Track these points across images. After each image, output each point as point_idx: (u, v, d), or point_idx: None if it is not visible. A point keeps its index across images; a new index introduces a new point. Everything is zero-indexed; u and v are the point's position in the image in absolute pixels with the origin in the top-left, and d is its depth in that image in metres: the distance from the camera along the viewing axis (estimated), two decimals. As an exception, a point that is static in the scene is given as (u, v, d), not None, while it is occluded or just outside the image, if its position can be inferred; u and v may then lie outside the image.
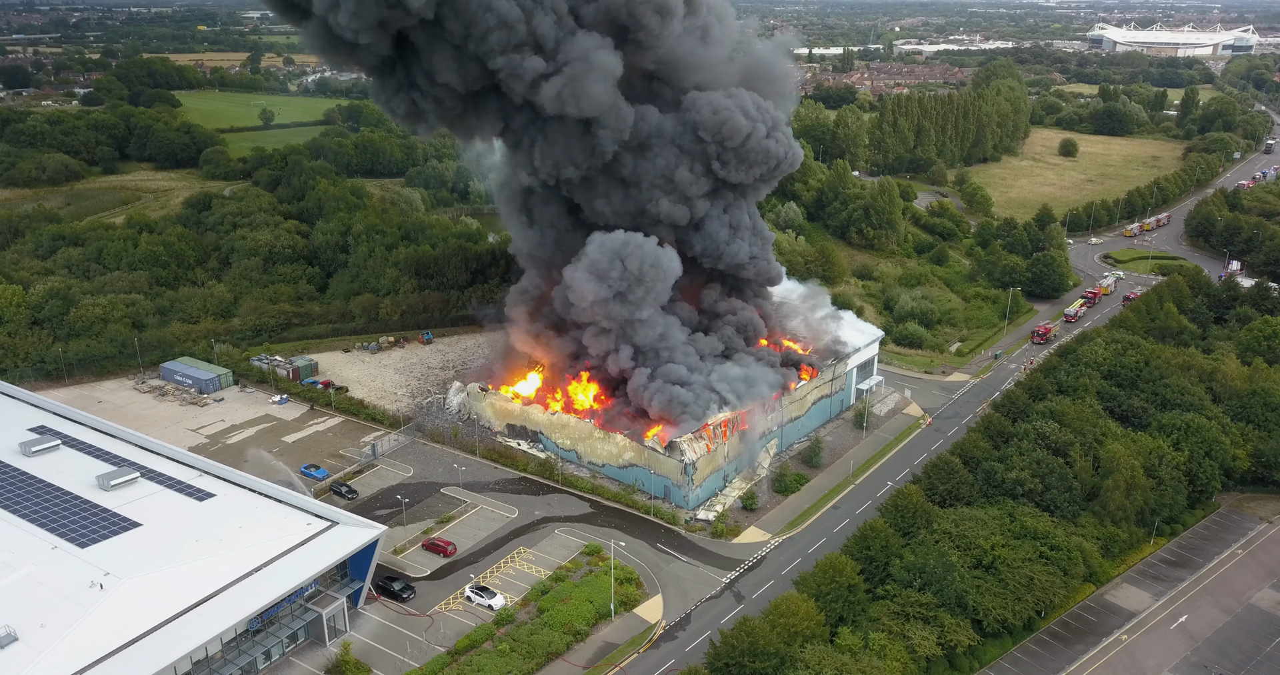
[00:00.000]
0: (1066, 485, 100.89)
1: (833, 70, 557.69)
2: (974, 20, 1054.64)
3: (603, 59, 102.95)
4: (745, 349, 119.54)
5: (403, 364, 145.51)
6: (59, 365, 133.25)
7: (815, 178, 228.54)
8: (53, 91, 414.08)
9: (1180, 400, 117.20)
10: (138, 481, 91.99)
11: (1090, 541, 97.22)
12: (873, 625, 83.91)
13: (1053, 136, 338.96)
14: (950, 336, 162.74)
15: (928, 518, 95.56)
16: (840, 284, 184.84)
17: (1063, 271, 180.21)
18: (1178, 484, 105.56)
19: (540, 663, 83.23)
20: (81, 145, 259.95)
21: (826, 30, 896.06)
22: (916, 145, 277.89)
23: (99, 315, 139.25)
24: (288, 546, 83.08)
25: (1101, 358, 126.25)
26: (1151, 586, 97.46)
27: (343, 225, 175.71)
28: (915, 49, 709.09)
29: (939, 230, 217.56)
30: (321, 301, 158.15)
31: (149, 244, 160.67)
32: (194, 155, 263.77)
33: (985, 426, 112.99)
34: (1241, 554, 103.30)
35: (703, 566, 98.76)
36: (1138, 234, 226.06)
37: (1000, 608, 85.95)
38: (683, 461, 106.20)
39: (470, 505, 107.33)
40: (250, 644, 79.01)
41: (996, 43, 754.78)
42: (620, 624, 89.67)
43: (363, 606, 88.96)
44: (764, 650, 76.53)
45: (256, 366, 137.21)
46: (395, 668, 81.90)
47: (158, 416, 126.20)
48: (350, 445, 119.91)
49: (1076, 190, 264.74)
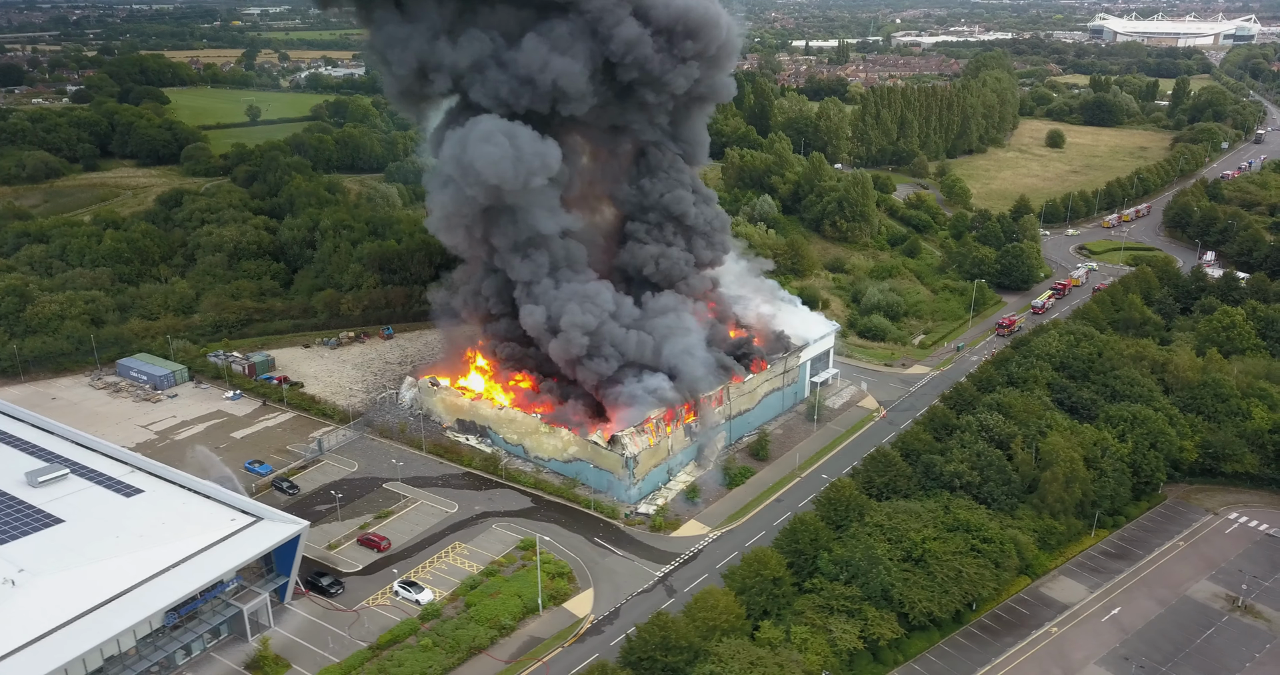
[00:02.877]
0: (1005, 478, 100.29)
1: (828, 63, 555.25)
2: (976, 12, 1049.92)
3: None
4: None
5: (361, 359, 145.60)
6: (14, 362, 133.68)
7: (792, 170, 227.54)
8: (44, 89, 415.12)
9: (1129, 392, 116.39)
10: (67, 478, 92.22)
11: (1027, 534, 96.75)
12: (797, 619, 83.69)
13: (1041, 128, 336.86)
14: (915, 329, 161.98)
15: (860, 510, 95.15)
16: (810, 277, 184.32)
17: (1032, 263, 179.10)
18: (1121, 476, 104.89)
19: (462, 657, 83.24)
20: (63, 142, 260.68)
21: (826, 22, 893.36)
22: (899, 137, 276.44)
23: (56, 312, 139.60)
24: (208, 542, 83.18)
25: (1054, 349, 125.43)
26: (1088, 579, 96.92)
27: (311, 221, 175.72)
28: (913, 41, 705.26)
29: (915, 223, 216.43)
30: (285, 297, 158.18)
31: (113, 241, 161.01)
32: (175, 152, 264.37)
33: (930, 419, 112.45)
34: (1183, 546, 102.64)
35: (638, 560, 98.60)
36: (1116, 225, 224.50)
37: (926, 600, 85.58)
38: (624, 455, 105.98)
39: (411, 500, 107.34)
40: (167, 640, 79.14)
41: (996, 34, 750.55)
42: (548, 618, 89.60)
43: (289, 602, 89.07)
44: (677, 644, 76.35)
45: (213, 363, 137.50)
46: (315, 663, 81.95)
47: (110, 413, 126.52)
48: (298, 441, 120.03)
49: (1060, 181, 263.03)
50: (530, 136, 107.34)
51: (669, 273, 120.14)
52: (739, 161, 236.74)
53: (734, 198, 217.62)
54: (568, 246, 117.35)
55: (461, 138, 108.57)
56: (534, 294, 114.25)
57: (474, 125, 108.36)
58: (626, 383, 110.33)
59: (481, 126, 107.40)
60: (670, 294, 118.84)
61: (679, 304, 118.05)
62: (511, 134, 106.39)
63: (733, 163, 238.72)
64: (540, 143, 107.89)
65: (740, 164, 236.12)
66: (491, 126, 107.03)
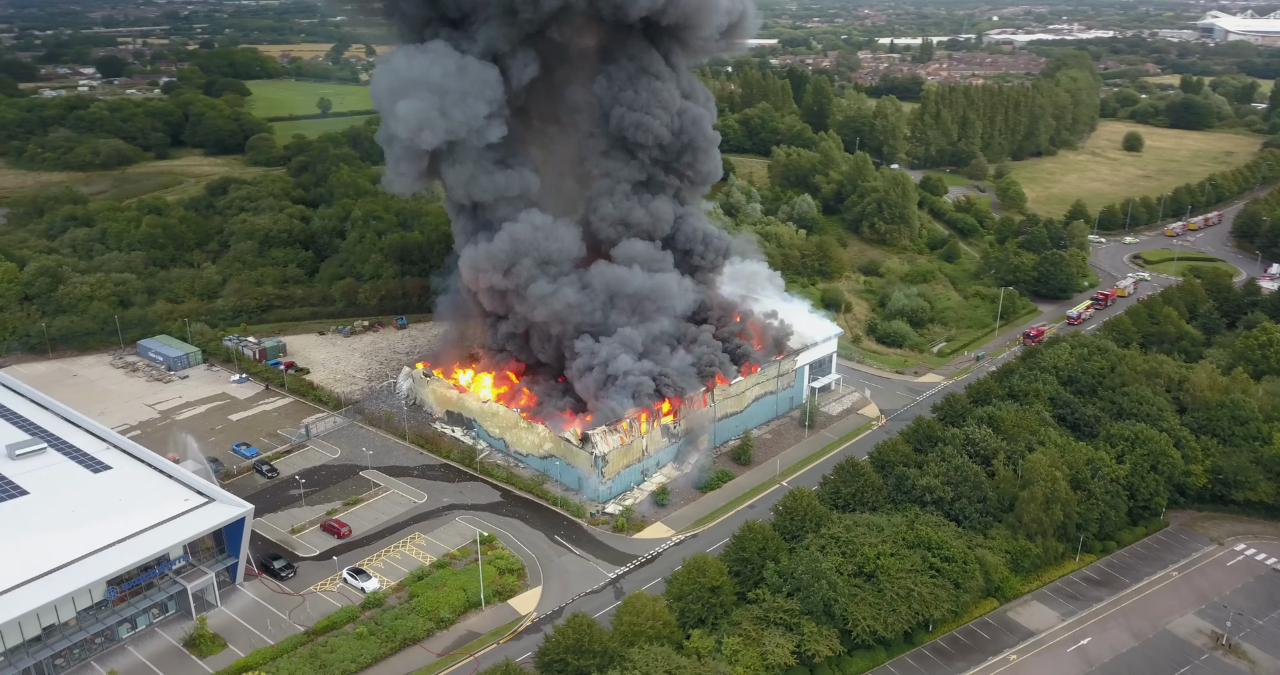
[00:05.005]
0: (980, 495, 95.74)
1: (911, 61, 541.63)
2: (1082, 9, 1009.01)
3: None
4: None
5: (371, 348, 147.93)
6: (42, 340, 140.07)
7: (838, 170, 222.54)
8: (140, 81, 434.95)
9: (1137, 410, 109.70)
10: (45, 452, 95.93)
11: (998, 554, 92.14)
12: (733, 629, 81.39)
13: (1121, 130, 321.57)
14: (938, 336, 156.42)
15: (818, 521, 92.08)
16: (839, 279, 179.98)
17: (1072, 271, 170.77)
18: (1114, 498, 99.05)
19: (395, 648, 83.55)
20: (138, 131, 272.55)
21: (920, 20, 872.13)
22: (960, 138, 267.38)
23: (85, 293, 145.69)
24: (157, 520, 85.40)
25: (1063, 362, 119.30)
26: (1063, 605, 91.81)
27: (344, 211, 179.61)
28: (1007, 39, 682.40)
29: (961, 226, 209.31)
30: (307, 285, 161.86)
31: (149, 226, 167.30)
32: (241, 142, 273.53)
33: (915, 430, 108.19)
34: (1175, 576, 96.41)
35: (594, 561, 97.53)
36: (1180, 234, 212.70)
37: (871, 618, 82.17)
38: (593, 454, 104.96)
39: (383, 489, 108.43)
40: (109, 613, 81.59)
41: (1096, 32, 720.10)
42: (490, 614, 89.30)
43: (241, 583, 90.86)
44: (590, 648, 75.03)
45: (227, 347, 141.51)
46: (251, 644, 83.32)
47: (121, 391, 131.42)
48: (290, 425, 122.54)
49: (1128, 187, 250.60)
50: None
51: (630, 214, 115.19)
52: (785, 159, 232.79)
53: (775, 196, 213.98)
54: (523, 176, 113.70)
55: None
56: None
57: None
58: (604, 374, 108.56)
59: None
60: (642, 242, 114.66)
61: (651, 251, 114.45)
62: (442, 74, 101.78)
63: (779, 161, 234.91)
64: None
65: (786, 162, 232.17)
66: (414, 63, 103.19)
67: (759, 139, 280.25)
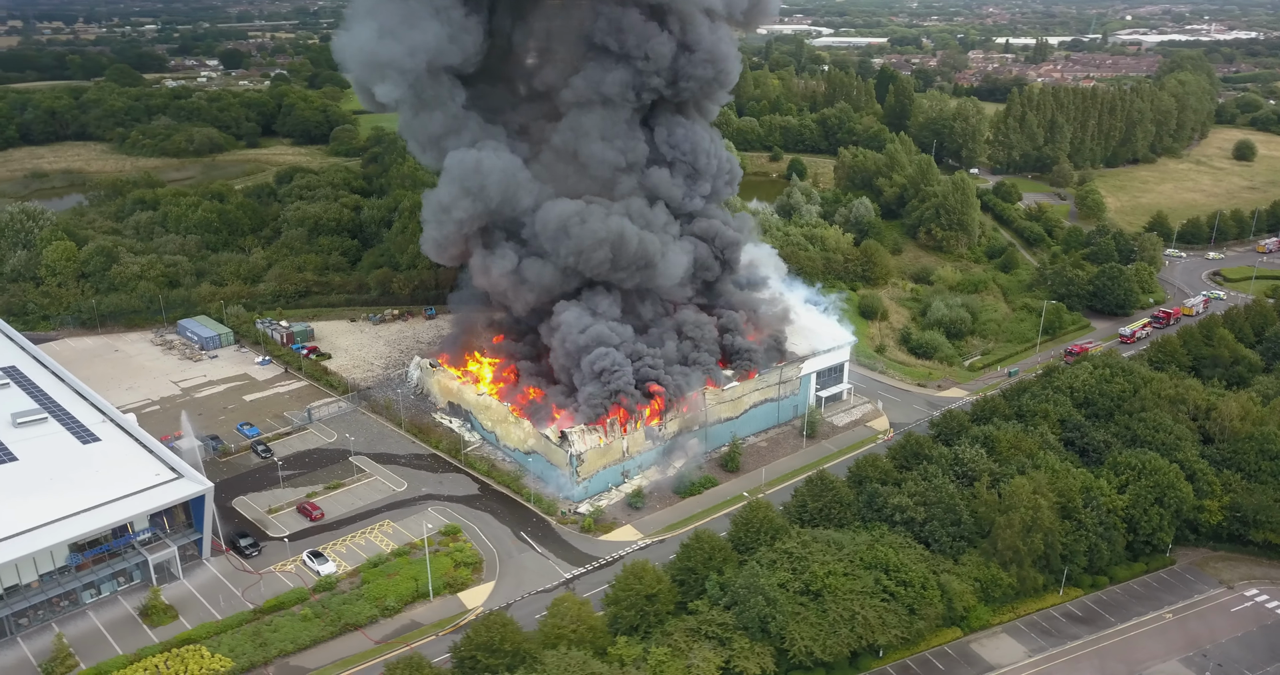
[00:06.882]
0: (954, 517, 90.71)
1: (1023, 61, 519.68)
2: (1227, 8, 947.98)
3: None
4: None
5: (397, 337, 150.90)
6: (92, 316, 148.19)
7: (902, 173, 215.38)
8: (254, 73, 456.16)
9: (1153, 437, 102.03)
10: (46, 421, 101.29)
11: (966, 581, 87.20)
12: (665, 639, 79.55)
13: (1236, 137, 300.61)
14: (974, 349, 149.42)
15: (774, 534, 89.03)
16: (885, 285, 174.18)
17: (1132, 286, 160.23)
18: (1109, 530, 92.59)
19: (336, 632, 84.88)
20: (232, 121, 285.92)
21: (1045, 19, 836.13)
22: (1046, 142, 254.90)
23: (136, 273, 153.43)
24: (124, 492, 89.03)
25: (1080, 383, 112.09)
26: (1034, 641, 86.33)
27: (394, 202, 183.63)
28: (1136, 39, 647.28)
29: (1028, 235, 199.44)
30: (347, 273, 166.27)
31: (205, 211, 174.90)
32: (326, 133, 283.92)
33: (902, 445, 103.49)
34: (1169, 618, 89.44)
35: (554, 559, 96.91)
36: (1274, 250, 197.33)
37: (809, 638, 78.97)
38: (569, 452, 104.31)
39: (367, 475, 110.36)
40: (70, 578, 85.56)
41: (1237, 33, 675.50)
42: (437, 605, 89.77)
43: (208, 558, 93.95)
44: (501, 647, 74.44)
45: (259, 329, 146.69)
46: (200, 618, 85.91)
47: (153, 368, 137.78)
48: (297, 408, 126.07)
49: (1227, 198, 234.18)
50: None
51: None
52: (850, 161, 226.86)
53: (835, 198, 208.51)
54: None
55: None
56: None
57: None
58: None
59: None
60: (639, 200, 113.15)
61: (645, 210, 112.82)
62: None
63: (844, 162, 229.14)
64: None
65: (852, 163, 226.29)
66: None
67: (835, 139, 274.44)
